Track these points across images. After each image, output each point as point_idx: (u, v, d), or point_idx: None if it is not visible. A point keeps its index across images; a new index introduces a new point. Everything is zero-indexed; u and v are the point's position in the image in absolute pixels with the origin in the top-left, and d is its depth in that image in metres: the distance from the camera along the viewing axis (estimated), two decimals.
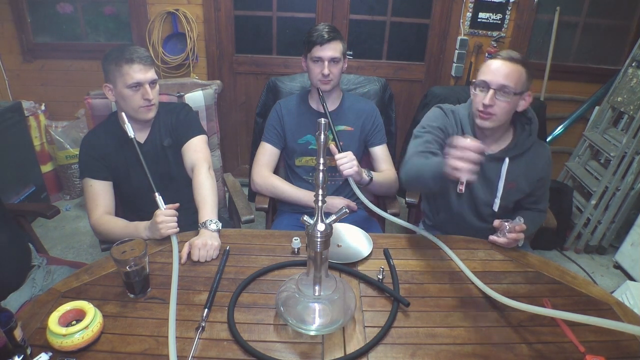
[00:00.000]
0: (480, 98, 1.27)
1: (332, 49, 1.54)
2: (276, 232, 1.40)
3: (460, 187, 1.22)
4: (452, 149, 1.01)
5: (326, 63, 1.55)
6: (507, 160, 1.35)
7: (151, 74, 1.40)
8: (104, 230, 1.37)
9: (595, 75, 2.90)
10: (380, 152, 1.73)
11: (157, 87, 1.45)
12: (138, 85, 1.37)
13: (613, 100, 2.65)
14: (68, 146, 2.84)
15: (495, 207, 1.40)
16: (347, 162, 1.41)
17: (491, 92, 1.24)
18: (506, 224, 1.28)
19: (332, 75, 1.57)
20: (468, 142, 0.98)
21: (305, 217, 0.94)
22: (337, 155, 1.43)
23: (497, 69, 1.25)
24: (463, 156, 0.98)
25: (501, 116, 1.28)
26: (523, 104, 1.31)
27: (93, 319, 0.90)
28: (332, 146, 1.50)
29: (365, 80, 1.96)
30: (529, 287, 1.15)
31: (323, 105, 1.57)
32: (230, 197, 1.78)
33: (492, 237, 1.32)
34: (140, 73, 1.36)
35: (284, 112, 1.71)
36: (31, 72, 2.92)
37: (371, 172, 1.59)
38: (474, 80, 1.31)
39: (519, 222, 1.27)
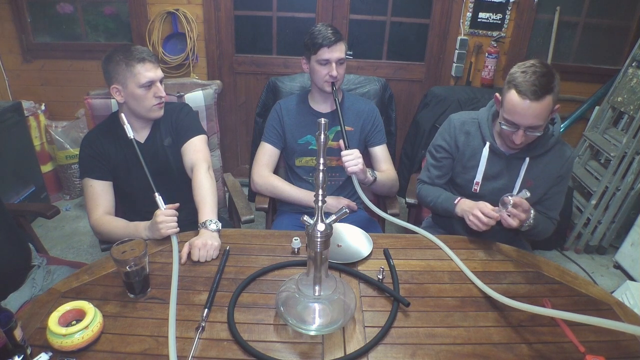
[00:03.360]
0: (509, 133, 1.25)
1: (339, 50, 1.55)
2: (276, 232, 1.40)
3: (475, 188, 1.30)
4: (477, 211, 1.21)
5: (334, 64, 1.55)
6: (527, 159, 1.35)
7: (160, 72, 1.41)
8: (104, 230, 1.37)
9: (595, 75, 2.90)
10: (381, 152, 1.73)
11: (163, 85, 1.45)
12: (151, 83, 1.38)
13: (613, 100, 2.65)
14: (68, 146, 2.84)
15: (510, 205, 1.38)
16: (352, 159, 1.41)
17: (520, 132, 1.22)
18: (510, 198, 1.20)
19: (339, 76, 1.57)
20: (492, 214, 1.18)
21: (305, 217, 0.94)
22: (344, 152, 1.43)
23: (524, 112, 1.18)
24: (479, 221, 1.21)
25: (530, 141, 1.29)
26: (551, 115, 1.29)
27: (93, 319, 0.90)
28: (341, 142, 1.50)
29: (365, 80, 1.96)
30: (529, 287, 1.15)
31: (335, 100, 1.57)
32: (230, 197, 1.78)
33: (502, 214, 1.23)
34: (151, 72, 1.37)
35: (283, 112, 1.71)
36: (31, 72, 2.92)
37: (375, 172, 1.59)
38: (501, 120, 1.27)
39: (525, 195, 1.20)
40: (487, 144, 1.37)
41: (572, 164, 1.39)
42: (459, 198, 1.39)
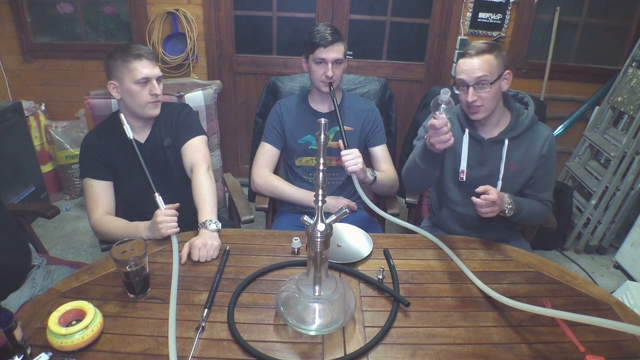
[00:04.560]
0: (464, 96, 1.34)
1: (336, 51, 1.54)
2: (276, 232, 1.40)
3: (462, 176, 1.35)
4: (431, 133, 1.21)
5: (330, 65, 1.55)
6: (506, 141, 1.39)
7: (157, 70, 1.41)
8: (104, 230, 1.37)
9: (595, 75, 2.90)
10: (381, 152, 1.73)
11: (162, 84, 1.46)
12: (146, 80, 1.38)
13: (613, 100, 2.65)
14: (68, 146, 2.84)
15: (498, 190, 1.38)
16: (352, 158, 1.41)
17: (471, 89, 1.32)
18: (438, 97, 1.15)
19: (335, 77, 1.57)
20: (436, 122, 1.16)
21: (305, 217, 0.94)
22: (343, 152, 1.43)
23: (468, 67, 1.32)
24: (437, 136, 1.19)
25: (488, 104, 1.34)
26: (505, 84, 1.37)
27: (93, 319, 0.90)
28: (340, 142, 1.50)
29: (365, 80, 1.96)
30: (529, 287, 1.15)
31: (333, 100, 1.57)
32: (230, 197, 1.78)
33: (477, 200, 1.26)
34: (148, 68, 1.37)
35: (284, 112, 1.71)
36: (31, 72, 2.92)
37: (375, 171, 1.59)
38: (456, 89, 1.38)
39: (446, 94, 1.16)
40: (467, 130, 1.43)
41: (553, 144, 1.42)
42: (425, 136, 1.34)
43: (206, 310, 1.00)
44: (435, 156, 1.30)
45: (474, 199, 1.26)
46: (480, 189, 1.26)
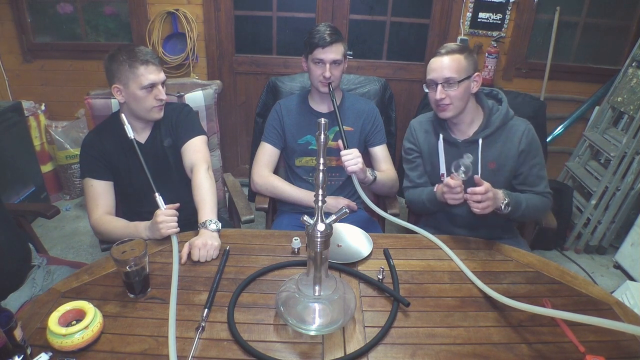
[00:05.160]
0: (433, 94, 1.38)
1: (334, 52, 1.54)
2: (276, 232, 1.40)
3: (442, 179, 1.40)
4: (445, 190, 1.27)
5: (327, 66, 1.55)
6: (480, 140, 1.41)
7: (163, 75, 1.42)
8: (104, 230, 1.37)
9: (595, 75, 2.90)
10: (381, 152, 1.73)
11: (165, 87, 1.46)
12: (153, 86, 1.38)
13: (613, 100, 2.65)
14: (68, 146, 2.84)
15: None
16: (352, 158, 1.41)
17: (439, 87, 1.35)
18: (457, 161, 1.23)
19: (333, 77, 1.57)
20: (451, 182, 1.24)
21: (305, 217, 0.94)
22: (343, 152, 1.43)
23: (438, 65, 1.36)
24: (451, 194, 1.26)
25: (457, 103, 1.36)
26: (475, 86, 1.39)
27: (93, 319, 0.90)
28: (340, 142, 1.50)
29: (365, 80, 1.96)
30: (529, 287, 1.15)
31: (332, 101, 1.57)
32: (230, 197, 1.78)
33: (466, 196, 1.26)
34: (154, 74, 1.37)
35: (284, 112, 1.71)
36: (31, 72, 2.92)
37: (375, 171, 1.59)
38: (425, 88, 1.42)
39: (468, 159, 1.21)
40: (441, 135, 1.46)
41: (533, 137, 1.41)
42: (436, 186, 1.43)
43: (206, 310, 1.00)
44: (445, 204, 1.33)
45: (466, 195, 1.25)
46: (469, 190, 1.24)
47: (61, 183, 3.02)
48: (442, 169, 1.47)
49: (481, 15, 2.72)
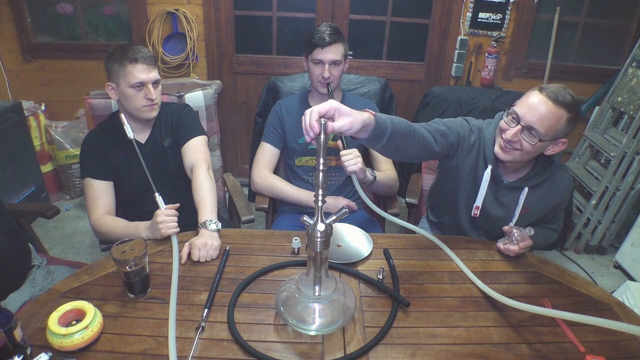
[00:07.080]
0: (506, 128, 1.19)
1: (333, 52, 1.54)
2: (276, 232, 1.39)
3: (475, 212, 1.36)
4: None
5: (327, 66, 1.55)
6: (526, 189, 1.29)
7: (154, 74, 1.40)
8: (104, 230, 1.37)
9: (595, 75, 2.90)
10: None
11: (160, 87, 1.45)
12: (141, 84, 1.38)
13: (613, 100, 2.65)
14: (68, 146, 2.84)
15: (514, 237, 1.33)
16: (351, 158, 1.41)
17: (517, 128, 1.15)
18: (515, 231, 1.25)
19: (332, 78, 1.57)
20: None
21: (305, 217, 0.94)
22: (342, 152, 1.43)
23: (535, 107, 1.13)
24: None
25: (522, 156, 1.20)
26: (552, 149, 1.21)
27: (93, 319, 0.90)
28: (339, 142, 1.50)
29: (365, 80, 1.96)
30: (529, 287, 1.15)
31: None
32: (230, 197, 1.78)
33: (500, 245, 1.28)
34: (143, 73, 1.37)
35: (284, 112, 1.71)
36: (31, 72, 2.92)
37: (375, 171, 1.59)
38: (504, 115, 1.21)
39: (529, 232, 1.25)
40: (489, 167, 1.29)
41: (571, 189, 1.37)
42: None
43: (206, 310, 1.00)
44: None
45: (499, 244, 1.28)
46: (505, 228, 1.28)
47: (61, 183, 3.02)
48: (479, 201, 1.33)
49: (481, 15, 2.72)
